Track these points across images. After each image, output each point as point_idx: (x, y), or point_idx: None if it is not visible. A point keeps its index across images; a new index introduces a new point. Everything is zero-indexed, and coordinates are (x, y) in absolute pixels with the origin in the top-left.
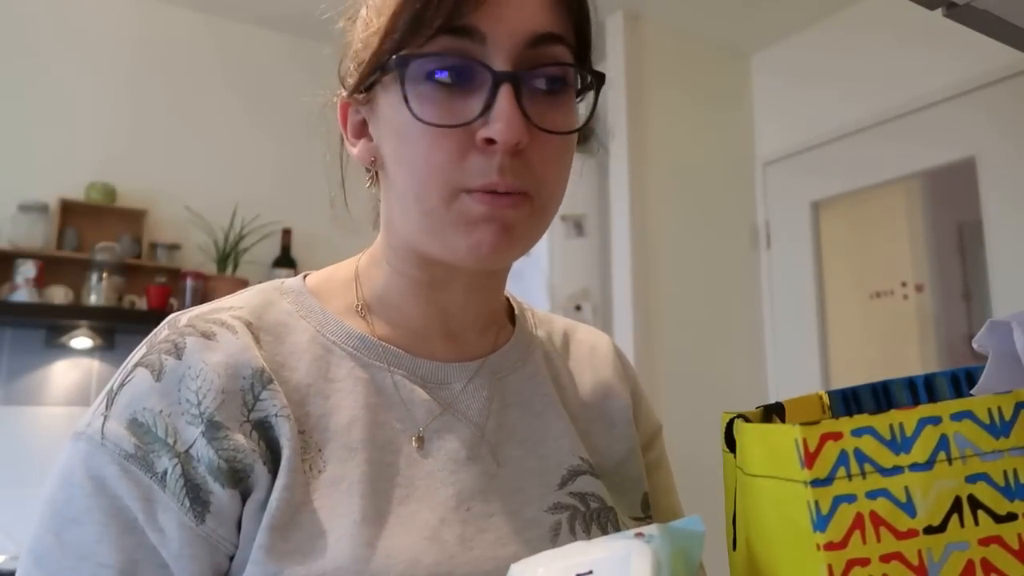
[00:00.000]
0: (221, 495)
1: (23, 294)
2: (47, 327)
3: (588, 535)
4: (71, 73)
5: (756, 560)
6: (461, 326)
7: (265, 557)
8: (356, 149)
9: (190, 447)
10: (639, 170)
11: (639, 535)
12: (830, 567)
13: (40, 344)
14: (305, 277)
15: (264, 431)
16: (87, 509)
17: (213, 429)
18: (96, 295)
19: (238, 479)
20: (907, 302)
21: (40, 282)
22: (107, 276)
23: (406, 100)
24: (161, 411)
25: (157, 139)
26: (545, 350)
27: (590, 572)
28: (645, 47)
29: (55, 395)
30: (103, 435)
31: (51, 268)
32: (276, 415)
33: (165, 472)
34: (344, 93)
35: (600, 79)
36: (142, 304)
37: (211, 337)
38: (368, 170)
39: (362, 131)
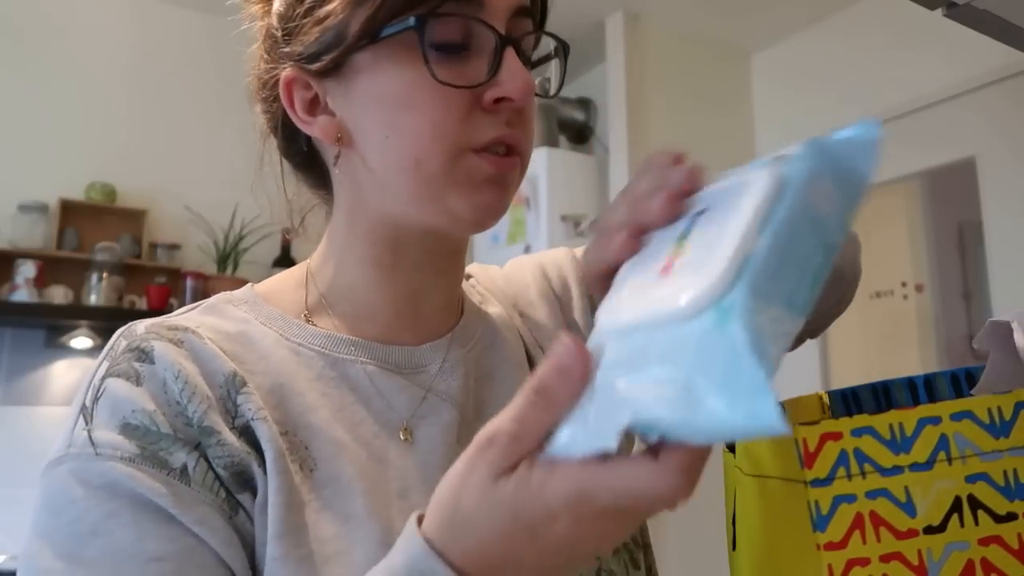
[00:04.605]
0: (241, 497)
1: (23, 294)
2: (47, 327)
3: None
4: (71, 73)
5: (756, 560)
6: (429, 308)
7: (282, 569)
8: (314, 127)
9: (198, 445)
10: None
11: (779, 157)
12: (830, 567)
13: (40, 344)
14: (253, 287)
15: (250, 435)
16: (107, 515)
17: (206, 435)
18: (96, 295)
19: (244, 481)
20: (907, 302)
21: (40, 282)
22: (107, 276)
23: (427, 61)
24: (155, 410)
25: (157, 139)
26: (496, 313)
27: (703, 210)
28: (645, 47)
29: (55, 395)
30: (95, 444)
31: (51, 268)
32: (254, 418)
33: (184, 467)
34: (292, 67)
35: (567, 48)
36: (142, 304)
37: (178, 343)
38: (296, 170)
39: (315, 108)
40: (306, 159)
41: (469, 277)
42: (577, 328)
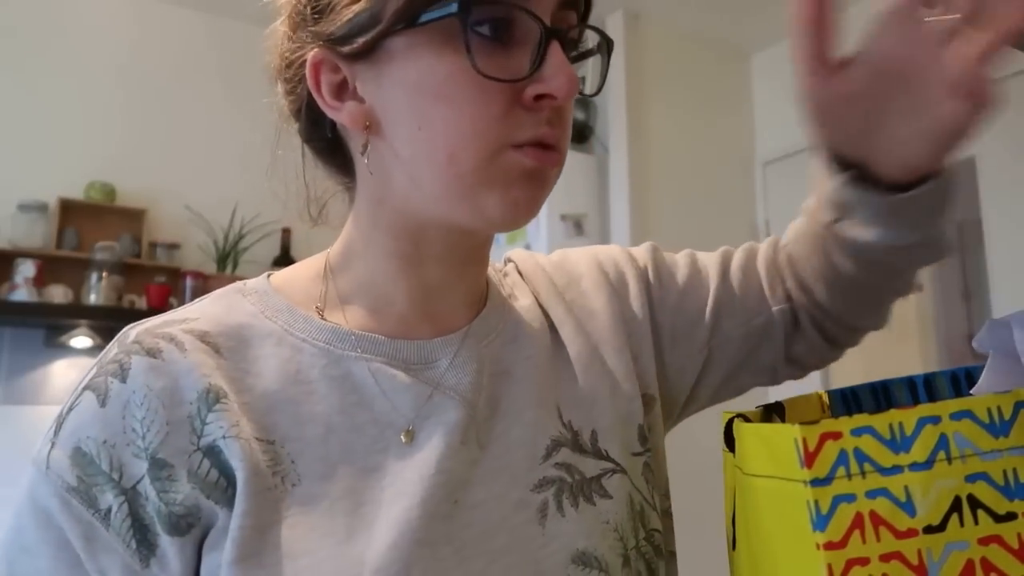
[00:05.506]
0: (166, 542)
1: (23, 293)
2: (47, 327)
3: (576, 508)
4: (71, 73)
5: (756, 560)
6: (449, 302)
7: None
8: (341, 113)
9: (137, 483)
10: (639, 170)
11: None
12: (830, 567)
13: (40, 344)
14: (269, 276)
15: (216, 456)
16: (38, 541)
17: (156, 468)
18: (96, 295)
19: (182, 528)
20: (907, 302)
21: (40, 281)
22: (107, 276)
23: (468, 50)
24: (105, 441)
25: (156, 139)
26: (524, 305)
27: None
28: (645, 47)
29: (55, 395)
30: (48, 464)
31: (51, 267)
32: (224, 437)
33: (109, 509)
34: (321, 48)
35: (611, 45)
36: (142, 304)
37: (156, 355)
38: (318, 157)
39: (343, 93)
40: (329, 145)
41: (509, 262)
42: (635, 320)
